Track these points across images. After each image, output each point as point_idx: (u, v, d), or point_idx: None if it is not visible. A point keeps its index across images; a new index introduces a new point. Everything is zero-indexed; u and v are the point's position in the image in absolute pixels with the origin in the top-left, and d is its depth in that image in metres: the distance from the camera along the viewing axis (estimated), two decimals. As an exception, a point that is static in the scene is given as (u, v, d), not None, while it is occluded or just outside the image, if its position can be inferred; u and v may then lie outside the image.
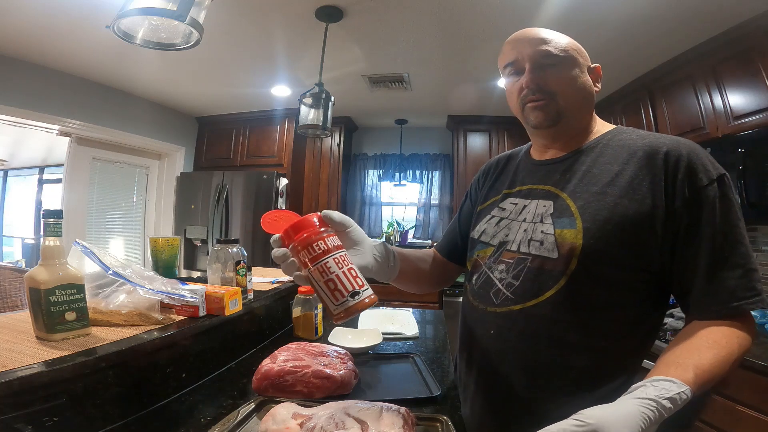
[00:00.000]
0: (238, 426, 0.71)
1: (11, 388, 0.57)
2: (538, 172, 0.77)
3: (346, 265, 0.57)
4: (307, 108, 1.80)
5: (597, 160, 0.70)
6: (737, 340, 0.57)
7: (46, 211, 0.75)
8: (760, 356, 1.32)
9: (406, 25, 1.91)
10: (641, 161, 0.65)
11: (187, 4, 0.90)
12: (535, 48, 0.71)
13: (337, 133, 3.56)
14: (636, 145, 0.67)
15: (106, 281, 0.92)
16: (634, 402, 0.50)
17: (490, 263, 0.75)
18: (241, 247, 1.18)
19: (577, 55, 0.73)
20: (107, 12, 1.67)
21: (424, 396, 0.89)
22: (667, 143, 0.64)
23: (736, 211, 0.61)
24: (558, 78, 0.71)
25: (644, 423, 0.48)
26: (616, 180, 0.65)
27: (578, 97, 0.73)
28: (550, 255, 0.66)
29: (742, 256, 0.59)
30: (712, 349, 0.56)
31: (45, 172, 4.13)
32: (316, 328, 1.31)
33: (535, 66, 0.71)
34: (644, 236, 0.61)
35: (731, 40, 1.77)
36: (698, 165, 0.61)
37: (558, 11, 1.70)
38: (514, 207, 0.77)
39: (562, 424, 0.47)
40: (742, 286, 0.58)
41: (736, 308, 0.58)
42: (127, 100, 2.93)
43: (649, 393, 0.51)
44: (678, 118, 2.11)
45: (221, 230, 3.19)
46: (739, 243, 0.60)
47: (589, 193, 0.66)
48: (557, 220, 0.67)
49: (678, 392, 0.52)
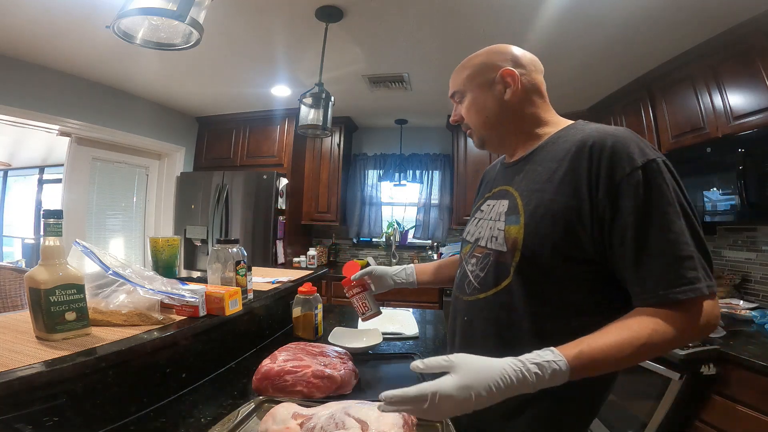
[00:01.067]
0: (238, 426, 0.71)
1: (11, 388, 0.57)
2: (505, 175, 0.84)
3: (360, 300, 1.09)
4: (307, 108, 1.80)
5: (543, 159, 0.74)
6: (652, 327, 0.57)
7: (46, 211, 0.75)
8: (760, 356, 1.32)
9: (406, 25, 1.91)
10: (572, 156, 0.67)
11: (187, 4, 0.90)
12: (449, 89, 0.85)
13: (337, 133, 3.56)
14: (573, 140, 0.70)
15: (106, 281, 0.92)
16: (506, 360, 0.56)
17: (467, 258, 0.84)
18: (241, 247, 1.18)
19: (467, 80, 0.81)
20: (107, 12, 1.67)
21: (424, 396, 0.89)
22: (594, 136, 0.66)
23: (667, 196, 0.59)
24: (465, 112, 0.82)
25: (502, 378, 0.53)
26: (552, 177, 0.69)
27: (486, 118, 0.80)
28: (502, 249, 0.73)
29: (669, 243, 0.58)
30: (619, 332, 0.58)
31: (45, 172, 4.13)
32: (316, 328, 1.31)
33: (454, 103, 0.86)
34: (575, 229, 0.64)
35: (731, 40, 1.77)
36: (622, 154, 0.62)
37: (558, 11, 1.70)
38: (489, 208, 0.83)
39: (438, 359, 0.56)
40: (670, 274, 0.57)
41: (663, 297, 0.57)
42: (127, 100, 2.93)
43: (524, 357, 0.56)
44: (678, 118, 2.10)
45: (221, 230, 3.19)
46: (666, 230, 0.58)
47: (531, 190, 0.72)
48: (508, 218, 0.74)
49: (548, 360, 0.55)
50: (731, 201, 1.70)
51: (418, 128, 3.82)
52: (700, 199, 1.87)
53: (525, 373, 0.54)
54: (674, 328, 0.57)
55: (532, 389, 0.55)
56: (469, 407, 0.53)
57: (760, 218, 1.65)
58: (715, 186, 1.79)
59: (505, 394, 0.54)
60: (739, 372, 1.36)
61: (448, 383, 0.53)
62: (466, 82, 0.81)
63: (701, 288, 0.56)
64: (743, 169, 1.61)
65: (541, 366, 0.54)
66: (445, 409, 0.53)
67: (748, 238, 2.01)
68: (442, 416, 0.55)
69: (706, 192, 1.83)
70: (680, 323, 0.57)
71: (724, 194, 1.74)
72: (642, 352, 0.57)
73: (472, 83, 0.80)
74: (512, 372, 0.54)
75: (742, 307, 1.83)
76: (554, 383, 0.55)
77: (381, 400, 0.55)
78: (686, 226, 0.59)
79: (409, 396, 0.53)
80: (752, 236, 2.00)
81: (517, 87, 0.76)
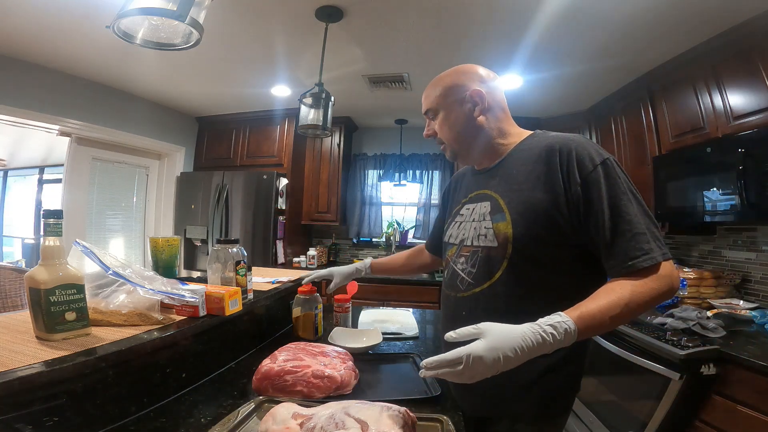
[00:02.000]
0: (238, 426, 0.71)
1: (11, 388, 0.57)
2: (479, 180, 0.95)
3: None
4: (307, 108, 1.80)
5: (515, 163, 0.86)
6: (630, 288, 0.69)
7: (46, 211, 0.75)
8: (760, 356, 1.32)
9: (406, 25, 1.91)
10: (543, 159, 0.80)
11: (187, 4, 0.90)
12: (423, 107, 0.95)
13: (337, 133, 3.56)
14: (540, 147, 0.83)
15: (106, 281, 0.92)
16: (525, 324, 0.64)
17: (454, 258, 0.92)
18: (241, 247, 1.18)
19: (441, 99, 0.90)
20: (107, 12, 1.67)
21: (424, 396, 0.89)
22: (560, 141, 0.80)
23: (621, 186, 0.73)
24: (439, 128, 0.93)
25: (524, 340, 0.61)
26: (528, 177, 0.81)
27: (457, 134, 0.90)
28: (492, 244, 0.83)
29: (627, 223, 0.71)
30: (607, 295, 0.69)
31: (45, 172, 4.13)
32: (316, 328, 1.31)
33: (427, 120, 0.96)
34: (555, 218, 0.76)
35: (731, 40, 1.77)
36: (584, 154, 0.76)
37: (558, 11, 1.70)
38: (468, 211, 0.93)
39: (468, 328, 0.64)
40: (631, 248, 0.70)
41: (630, 266, 0.70)
42: (127, 100, 2.93)
43: (539, 321, 0.65)
44: (678, 118, 2.10)
45: (221, 230, 3.19)
46: (624, 212, 0.72)
47: (512, 191, 0.83)
48: (493, 216, 0.84)
49: (559, 321, 0.64)
50: (731, 201, 1.70)
51: (418, 128, 3.82)
52: (700, 199, 1.87)
53: (543, 334, 0.62)
54: (648, 286, 0.69)
55: (550, 349, 0.63)
56: (498, 367, 0.60)
57: (760, 218, 1.65)
58: (715, 186, 1.79)
59: (529, 355, 0.62)
60: (739, 372, 1.35)
61: (480, 346, 0.61)
62: (439, 101, 0.90)
63: (656, 256, 0.69)
64: (743, 169, 1.61)
65: (555, 327, 0.63)
66: (477, 369, 0.60)
67: (748, 238, 2.01)
68: (474, 377, 0.60)
69: (706, 192, 1.83)
70: (649, 283, 0.69)
71: (724, 194, 1.74)
72: (629, 308, 0.67)
73: (445, 101, 0.90)
74: (532, 334, 0.62)
75: (742, 307, 1.83)
76: (567, 343, 0.63)
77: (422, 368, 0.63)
78: (637, 208, 0.72)
79: (447, 359, 0.61)
80: (752, 236, 2.00)
81: (484, 104, 0.88)
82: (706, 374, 1.40)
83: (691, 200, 1.92)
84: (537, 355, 0.62)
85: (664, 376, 1.48)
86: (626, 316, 0.68)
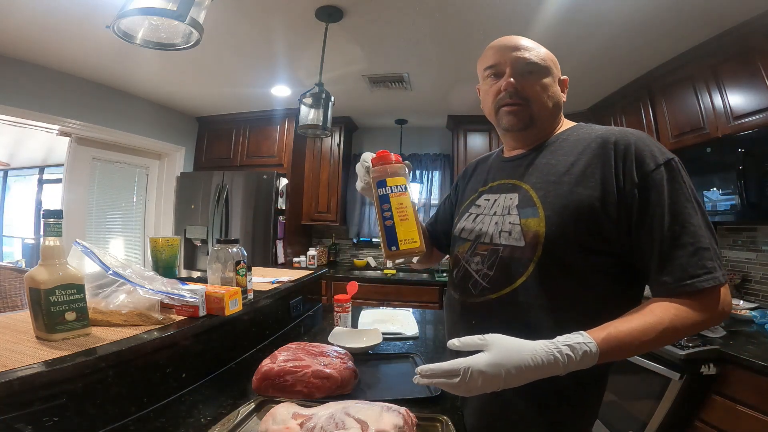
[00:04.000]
0: (238, 426, 0.71)
1: (11, 388, 0.57)
2: (506, 168, 0.83)
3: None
4: (307, 108, 1.80)
5: (555, 153, 0.75)
6: (674, 312, 0.60)
7: (46, 211, 0.75)
8: (760, 356, 1.32)
9: (406, 25, 1.91)
10: (594, 151, 0.69)
11: (187, 4, 0.90)
12: (517, 54, 0.75)
13: (337, 133, 3.56)
14: (590, 137, 0.72)
15: (106, 281, 0.92)
16: (539, 341, 0.57)
17: (468, 257, 0.80)
18: (241, 247, 1.18)
19: (552, 65, 0.78)
20: (107, 12, 1.67)
21: (424, 396, 0.89)
22: (616, 134, 0.69)
23: (685, 192, 0.63)
24: (535, 85, 0.76)
25: (533, 359, 0.55)
26: (571, 170, 0.70)
27: (550, 104, 0.77)
28: (518, 243, 0.70)
29: (691, 235, 0.61)
30: (644, 317, 0.60)
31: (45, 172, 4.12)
32: (422, 227, 0.85)
33: (516, 71, 0.75)
34: (600, 220, 0.65)
35: (731, 40, 1.77)
36: (645, 151, 0.65)
37: (558, 11, 1.70)
38: (487, 203, 0.81)
39: (473, 338, 0.59)
40: (693, 264, 0.60)
41: (689, 285, 0.60)
42: (127, 100, 2.93)
43: (556, 339, 0.58)
44: (678, 118, 2.10)
45: (221, 230, 3.19)
46: (688, 222, 0.61)
47: (548, 183, 0.71)
48: (522, 211, 0.72)
49: (579, 342, 0.57)
50: (731, 201, 1.70)
51: (418, 128, 3.82)
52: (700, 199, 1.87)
53: (556, 354, 0.55)
54: (695, 314, 0.60)
55: (563, 371, 0.56)
56: (498, 384, 0.55)
57: (760, 218, 1.65)
58: (715, 186, 1.79)
59: (536, 374, 0.56)
60: (739, 372, 1.35)
61: (481, 359, 0.56)
62: (550, 65, 0.77)
63: (719, 277, 0.60)
64: (743, 169, 1.61)
65: (573, 347, 0.56)
66: (474, 384, 0.55)
67: (748, 238, 2.01)
68: (471, 392, 0.56)
69: (706, 192, 1.83)
70: (700, 309, 0.60)
71: (724, 194, 1.74)
72: (665, 335, 0.59)
73: (553, 69, 0.78)
74: (543, 353, 0.56)
75: (742, 307, 1.83)
76: (583, 366, 0.57)
77: (416, 374, 0.58)
78: (702, 220, 0.62)
79: (443, 370, 0.56)
80: (752, 236, 2.00)
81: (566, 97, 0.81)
82: (706, 374, 1.40)
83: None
84: (546, 377, 0.56)
85: (664, 375, 1.48)
86: (660, 342, 0.60)
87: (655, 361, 1.54)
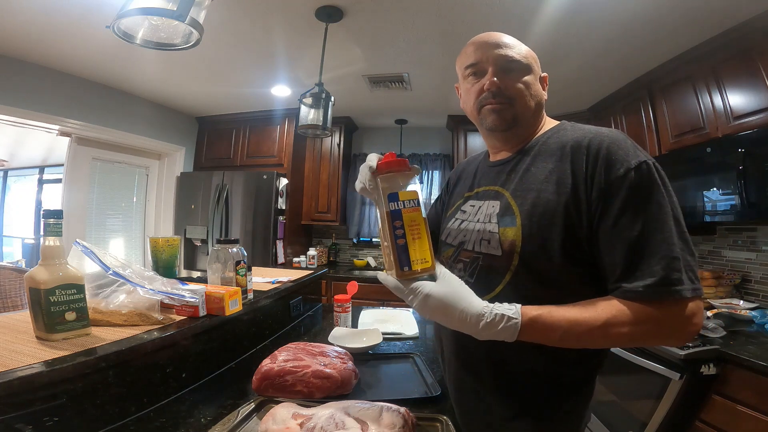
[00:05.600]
0: (238, 426, 0.71)
1: (11, 388, 0.57)
2: (490, 174, 0.81)
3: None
4: (307, 108, 1.80)
5: (535, 158, 0.72)
6: (614, 312, 0.57)
7: (46, 211, 0.75)
8: (760, 356, 1.32)
9: (406, 25, 1.91)
10: (568, 156, 0.66)
11: (187, 4, 0.90)
12: (498, 52, 0.73)
13: (337, 133, 3.56)
14: (567, 140, 0.69)
15: (106, 281, 0.92)
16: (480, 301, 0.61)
17: (451, 263, 0.79)
18: (241, 247, 1.18)
19: (533, 62, 0.76)
20: (107, 12, 1.67)
21: (424, 396, 0.89)
22: (590, 135, 0.66)
23: (657, 198, 0.59)
24: (518, 84, 0.73)
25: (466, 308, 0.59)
26: (549, 177, 0.67)
27: (532, 103, 0.75)
28: (495, 252, 0.69)
29: (658, 244, 0.57)
30: (583, 309, 0.59)
31: (45, 172, 4.13)
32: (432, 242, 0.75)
33: (498, 69, 0.73)
34: (573, 229, 0.63)
35: (731, 40, 1.77)
36: (617, 154, 0.62)
37: (558, 11, 1.70)
38: (472, 209, 0.80)
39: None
40: (655, 272, 0.56)
41: (642, 293, 0.56)
42: (127, 100, 2.93)
43: (495, 304, 0.60)
44: (678, 118, 2.11)
45: (221, 230, 3.19)
46: (657, 230, 0.57)
47: (527, 191, 0.69)
48: (501, 219, 0.71)
49: (508, 313, 0.59)
50: (731, 201, 1.70)
51: (418, 128, 3.82)
52: (700, 199, 1.87)
53: (485, 312, 0.59)
54: (640, 321, 0.56)
55: (482, 331, 0.59)
56: (425, 313, 0.61)
57: (760, 218, 1.65)
58: (715, 186, 1.79)
59: (458, 323, 0.60)
60: (739, 372, 1.36)
61: (433, 286, 0.61)
62: (531, 62, 0.75)
63: (682, 291, 0.55)
64: (743, 169, 1.61)
65: (500, 315, 0.58)
66: (414, 301, 0.61)
67: (748, 238, 2.01)
68: (412, 305, 0.62)
69: (706, 192, 1.83)
70: (648, 318, 0.56)
71: (724, 194, 1.74)
72: (597, 335, 0.57)
73: (534, 66, 0.76)
74: (479, 306, 0.60)
75: (742, 307, 1.83)
76: (503, 336, 0.59)
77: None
78: (675, 228, 0.58)
79: (401, 287, 0.62)
80: (752, 236, 2.00)
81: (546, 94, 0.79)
82: (706, 374, 1.40)
83: (691, 200, 1.92)
84: (465, 332, 0.60)
85: (664, 376, 1.48)
86: (591, 340, 0.59)
87: (655, 361, 1.54)
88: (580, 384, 0.70)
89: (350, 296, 1.48)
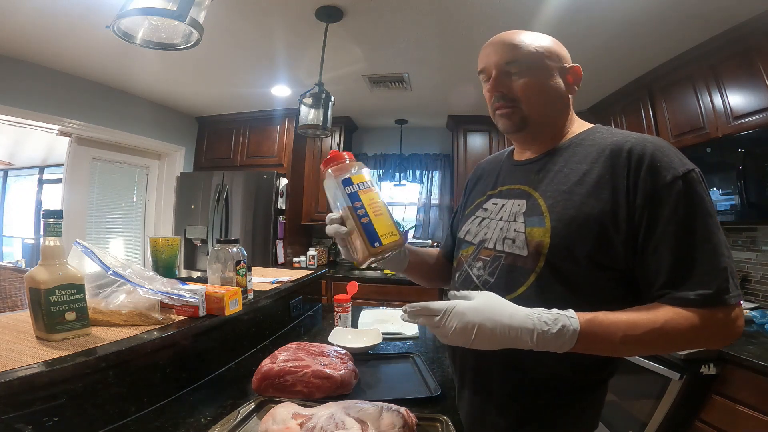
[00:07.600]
0: (238, 426, 0.71)
1: (11, 388, 0.57)
2: (515, 173, 0.79)
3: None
4: (307, 108, 1.80)
5: (569, 160, 0.70)
6: (671, 315, 0.56)
7: (46, 211, 0.75)
8: (761, 356, 1.32)
9: (406, 25, 1.91)
10: (607, 160, 0.65)
11: (187, 4, 0.90)
12: (500, 55, 0.72)
13: (337, 133, 3.56)
14: (605, 143, 0.67)
15: (106, 281, 0.92)
16: (524, 308, 0.58)
17: (470, 261, 0.78)
18: (241, 247, 1.18)
19: (546, 59, 0.72)
20: (107, 12, 1.67)
21: (424, 396, 0.89)
22: (632, 140, 0.64)
23: (705, 208, 0.59)
24: (521, 86, 0.71)
25: (511, 317, 0.56)
26: (584, 179, 0.66)
27: (544, 102, 0.73)
28: (521, 252, 0.68)
29: (708, 254, 0.57)
30: (637, 312, 0.58)
31: (45, 172, 4.13)
32: (396, 222, 0.80)
33: (500, 73, 0.72)
34: (608, 234, 0.61)
35: (731, 40, 1.77)
36: (662, 161, 0.60)
37: (558, 11, 1.70)
38: (495, 207, 0.79)
39: (462, 292, 0.62)
40: (705, 282, 0.56)
41: (696, 301, 0.56)
42: (127, 100, 2.93)
43: (541, 309, 0.57)
44: (678, 118, 2.10)
45: (221, 230, 3.19)
46: (706, 240, 0.57)
47: (558, 192, 0.67)
48: (528, 219, 0.69)
49: (558, 315, 0.56)
50: (731, 201, 1.70)
51: (418, 128, 3.82)
52: (700, 199, 1.87)
53: (534, 319, 0.55)
54: (695, 325, 0.56)
55: (535, 341, 0.55)
56: (469, 334, 0.55)
57: (760, 218, 1.65)
58: (715, 186, 1.79)
59: (507, 337, 0.55)
60: (739, 372, 1.36)
61: (465, 303, 0.58)
62: (537, 58, 0.71)
63: (728, 299, 0.56)
64: (743, 169, 1.61)
65: (552, 320, 0.55)
66: (450, 325, 0.56)
67: (748, 238, 2.01)
68: (447, 335, 0.57)
69: (706, 192, 1.83)
70: (704, 322, 0.56)
71: (724, 194, 1.74)
72: (654, 336, 0.56)
73: (545, 62, 0.72)
74: (523, 315, 0.56)
75: (742, 307, 1.83)
76: (558, 344, 0.55)
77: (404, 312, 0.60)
78: (721, 237, 0.58)
79: (429, 308, 0.58)
80: (752, 236, 2.00)
81: (578, 85, 0.75)
82: (706, 374, 1.40)
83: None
84: (517, 346, 0.55)
85: (664, 375, 1.48)
86: (646, 343, 0.58)
87: (655, 360, 1.54)
88: (596, 384, 0.70)
89: (350, 296, 1.48)
